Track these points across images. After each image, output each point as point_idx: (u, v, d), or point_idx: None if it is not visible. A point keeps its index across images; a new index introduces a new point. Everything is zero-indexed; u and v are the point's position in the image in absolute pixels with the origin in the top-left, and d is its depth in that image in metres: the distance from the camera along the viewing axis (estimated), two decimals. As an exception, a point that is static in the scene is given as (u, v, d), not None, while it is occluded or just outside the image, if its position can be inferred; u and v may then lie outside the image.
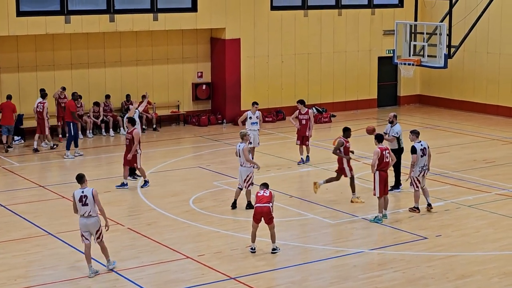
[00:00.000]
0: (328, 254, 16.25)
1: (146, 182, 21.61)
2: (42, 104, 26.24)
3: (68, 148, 25.23)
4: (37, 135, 26.24)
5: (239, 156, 19.19)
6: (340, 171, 20.01)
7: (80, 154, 25.41)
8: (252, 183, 19.15)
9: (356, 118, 32.47)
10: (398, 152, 20.34)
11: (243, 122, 23.67)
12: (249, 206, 19.05)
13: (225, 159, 25.05)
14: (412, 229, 17.71)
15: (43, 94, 26.51)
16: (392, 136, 20.41)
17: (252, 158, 23.23)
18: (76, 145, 25.40)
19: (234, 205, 19.34)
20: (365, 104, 34.64)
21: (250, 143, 23.26)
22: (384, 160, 18.18)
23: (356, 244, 16.83)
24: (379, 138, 18.50)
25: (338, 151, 19.80)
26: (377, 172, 18.17)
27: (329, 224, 18.20)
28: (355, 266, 15.53)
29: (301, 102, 24.44)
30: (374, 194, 18.36)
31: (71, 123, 25.15)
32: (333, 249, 16.49)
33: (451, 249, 16.54)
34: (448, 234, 17.51)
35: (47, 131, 26.30)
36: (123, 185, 21.42)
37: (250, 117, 23.59)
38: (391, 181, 19.71)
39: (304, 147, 24.04)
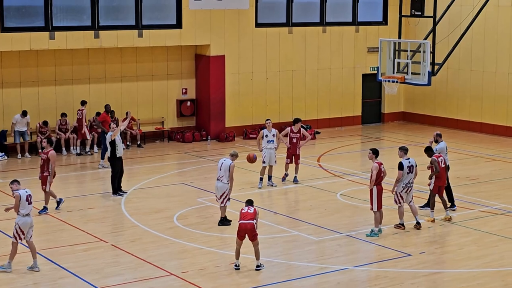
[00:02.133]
0: (312, 271, 16.24)
1: (58, 203, 20.66)
2: (80, 112, 28.13)
3: (102, 158, 26.05)
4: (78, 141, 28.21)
5: (220, 170, 19.16)
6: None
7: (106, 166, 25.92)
8: (229, 199, 19.13)
9: (340, 135, 32.55)
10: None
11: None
12: (222, 222, 19.08)
13: (209, 175, 25.00)
14: (396, 246, 17.73)
15: (83, 102, 28.40)
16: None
17: (271, 177, 23.21)
18: (102, 157, 26.25)
19: (221, 222, 19.33)
20: (350, 121, 34.72)
21: (264, 162, 23.20)
22: (381, 175, 18.27)
23: (340, 261, 16.83)
24: (377, 153, 18.53)
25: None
26: (375, 186, 18.24)
27: (313, 241, 18.20)
28: (339, 283, 15.52)
29: (297, 120, 23.80)
30: (372, 209, 18.38)
31: (105, 134, 25.74)
32: (317, 266, 16.48)
33: (435, 266, 16.58)
34: (432, 251, 17.55)
35: (87, 136, 28.19)
36: (44, 209, 20.48)
37: (267, 135, 23.29)
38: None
39: (294, 165, 23.67)
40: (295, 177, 23.75)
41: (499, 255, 17.21)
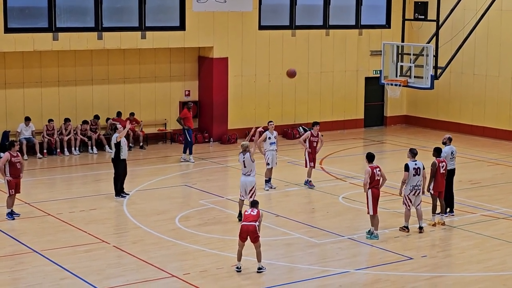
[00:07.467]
0: (313, 273, 16.24)
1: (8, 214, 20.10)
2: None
3: (184, 152, 27.53)
4: None
5: (244, 167, 19.29)
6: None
7: (192, 161, 27.22)
8: (255, 195, 19.19)
9: (342, 138, 32.55)
10: (449, 173, 20.21)
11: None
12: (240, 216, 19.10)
13: (212, 177, 25.04)
14: (397, 249, 17.73)
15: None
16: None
17: (270, 179, 23.22)
18: (190, 152, 27.37)
19: (240, 217, 19.30)
20: (352, 124, 34.73)
21: (268, 164, 23.21)
22: (376, 178, 18.25)
23: (342, 264, 16.83)
24: (370, 158, 18.53)
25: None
26: (369, 190, 18.24)
27: (315, 244, 18.19)
28: (341, 286, 15.51)
29: (316, 123, 23.62)
30: (368, 213, 18.38)
31: (185, 130, 27.29)
32: (318, 269, 16.48)
33: (437, 269, 16.57)
34: (434, 254, 17.55)
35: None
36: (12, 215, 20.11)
37: (269, 137, 23.29)
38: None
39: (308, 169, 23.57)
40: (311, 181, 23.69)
41: (501, 259, 17.21)
